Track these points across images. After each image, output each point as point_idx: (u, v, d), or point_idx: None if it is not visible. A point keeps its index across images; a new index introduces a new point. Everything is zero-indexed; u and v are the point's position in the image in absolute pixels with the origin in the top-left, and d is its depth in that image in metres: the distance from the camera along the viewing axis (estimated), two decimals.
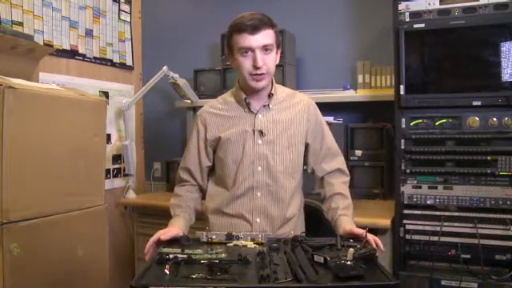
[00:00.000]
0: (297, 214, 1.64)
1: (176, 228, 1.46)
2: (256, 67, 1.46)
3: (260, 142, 1.56)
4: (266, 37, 1.47)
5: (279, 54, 1.57)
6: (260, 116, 1.58)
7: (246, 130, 1.56)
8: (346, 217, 1.51)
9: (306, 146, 1.64)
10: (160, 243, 1.37)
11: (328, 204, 1.60)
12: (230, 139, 1.57)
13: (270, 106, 1.59)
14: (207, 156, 1.64)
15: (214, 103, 1.67)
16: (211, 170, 1.69)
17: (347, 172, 1.70)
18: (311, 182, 1.71)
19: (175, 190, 1.70)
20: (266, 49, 1.47)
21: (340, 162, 1.69)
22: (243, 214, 1.56)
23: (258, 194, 1.56)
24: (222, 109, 1.63)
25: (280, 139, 1.57)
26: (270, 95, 1.58)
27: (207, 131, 1.62)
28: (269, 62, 1.49)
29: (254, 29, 1.45)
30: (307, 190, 1.73)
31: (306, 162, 1.67)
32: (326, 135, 1.67)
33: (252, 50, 1.46)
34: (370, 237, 1.33)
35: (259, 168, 1.55)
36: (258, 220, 1.56)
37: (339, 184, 1.64)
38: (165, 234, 1.38)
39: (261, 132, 1.55)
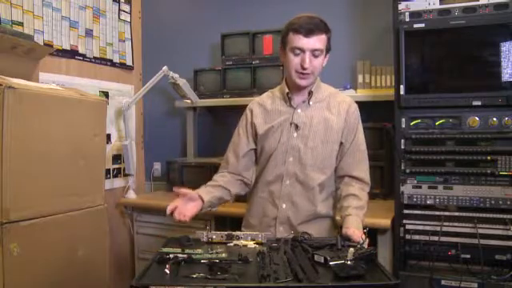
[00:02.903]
0: (331, 217, 1.71)
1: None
2: (303, 67, 1.58)
3: (295, 135, 1.65)
4: (318, 42, 1.57)
5: (327, 57, 1.66)
6: (299, 111, 1.67)
7: (285, 123, 1.67)
8: (355, 217, 1.51)
9: (340, 144, 1.68)
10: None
11: (341, 203, 1.63)
12: (269, 130, 1.68)
13: (311, 102, 1.68)
14: (248, 139, 1.74)
15: (263, 95, 1.81)
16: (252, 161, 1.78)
17: (369, 182, 1.70)
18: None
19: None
20: (315, 53, 1.58)
21: (363, 170, 1.70)
22: (273, 197, 1.66)
23: (287, 181, 1.65)
24: (268, 102, 1.75)
25: (314, 135, 1.64)
26: (310, 92, 1.67)
27: (253, 117, 1.74)
28: (315, 64, 1.60)
29: (309, 32, 1.56)
30: None
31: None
32: (358, 137, 1.70)
33: (303, 51, 1.57)
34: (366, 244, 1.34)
35: (291, 158, 1.64)
36: (284, 205, 1.65)
37: (357, 188, 1.65)
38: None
39: (296, 126, 1.65)
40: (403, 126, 1.98)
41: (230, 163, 1.75)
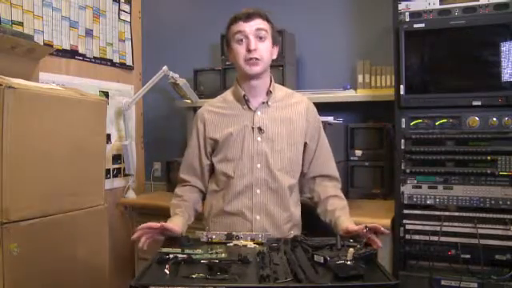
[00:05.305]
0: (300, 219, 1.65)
1: (175, 225, 1.46)
2: (249, 50, 1.50)
3: (259, 139, 1.56)
4: (259, 24, 1.52)
5: (276, 50, 1.60)
6: (259, 113, 1.59)
7: (245, 128, 1.57)
8: (344, 217, 1.50)
9: (304, 145, 1.63)
10: (159, 231, 1.41)
11: (323, 206, 1.58)
12: (229, 137, 1.57)
13: (269, 103, 1.60)
14: (206, 155, 1.64)
15: (214, 102, 1.69)
16: (211, 172, 1.68)
17: (339, 178, 1.69)
18: (300, 185, 1.70)
19: (176, 190, 1.70)
20: (260, 36, 1.52)
21: (333, 167, 1.68)
22: (243, 211, 1.55)
23: (258, 191, 1.55)
24: (222, 107, 1.64)
25: (279, 137, 1.57)
26: (269, 92, 1.59)
27: (206, 130, 1.63)
28: (262, 48, 1.52)
29: (248, 16, 1.52)
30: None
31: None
32: (322, 137, 1.68)
33: (246, 35, 1.51)
34: (372, 226, 1.31)
35: (258, 165, 1.55)
36: (257, 217, 1.55)
37: (332, 187, 1.63)
38: (168, 225, 1.41)
39: (260, 129, 1.56)
40: (403, 126, 1.98)
41: (190, 181, 1.67)
